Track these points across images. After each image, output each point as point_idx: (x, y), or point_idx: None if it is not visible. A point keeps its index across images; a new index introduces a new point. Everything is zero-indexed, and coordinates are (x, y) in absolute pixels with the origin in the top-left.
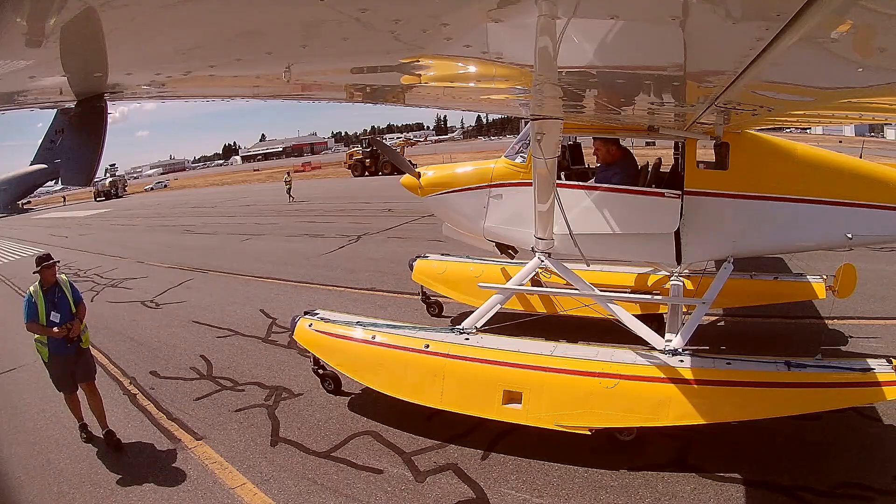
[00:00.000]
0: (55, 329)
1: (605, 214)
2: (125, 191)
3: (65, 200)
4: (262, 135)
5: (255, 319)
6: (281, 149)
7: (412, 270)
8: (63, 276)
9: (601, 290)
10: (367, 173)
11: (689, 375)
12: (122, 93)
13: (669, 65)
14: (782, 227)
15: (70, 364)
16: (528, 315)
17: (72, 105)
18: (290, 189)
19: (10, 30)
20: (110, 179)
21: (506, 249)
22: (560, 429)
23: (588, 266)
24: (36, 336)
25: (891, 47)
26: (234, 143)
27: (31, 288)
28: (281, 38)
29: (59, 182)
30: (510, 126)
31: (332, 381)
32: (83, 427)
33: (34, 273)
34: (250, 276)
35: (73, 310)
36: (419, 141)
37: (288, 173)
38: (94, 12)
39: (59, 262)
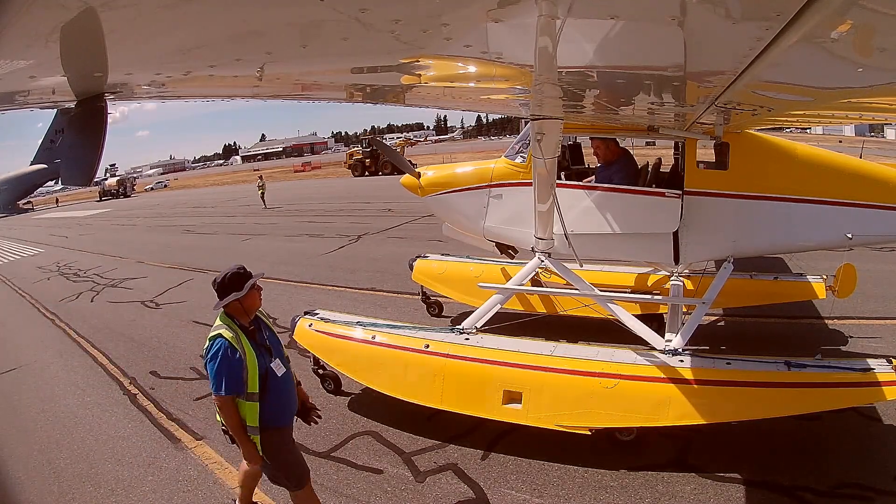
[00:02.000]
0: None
1: (605, 214)
2: (133, 189)
3: (57, 202)
4: (263, 135)
5: None
6: (281, 149)
7: (412, 270)
8: None
9: (601, 290)
10: (367, 173)
11: (689, 375)
12: (122, 93)
13: (669, 65)
14: (782, 227)
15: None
16: (528, 315)
17: (72, 105)
18: (263, 194)
19: (10, 30)
20: (118, 178)
21: (506, 249)
22: (560, 429)
23: (581, 266)
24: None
25: (891, 47)
26: (234, 143)
27: (225, 333)
28: (281, 38)
29: (59, 182)
30: (510, 126)
31: (332, 381)
32: None
33: (225, 304)
34: None
35: (286, 353)
36: (419, 141)
37: (260, 177)
38: (94, 12)
39: (263, 274)
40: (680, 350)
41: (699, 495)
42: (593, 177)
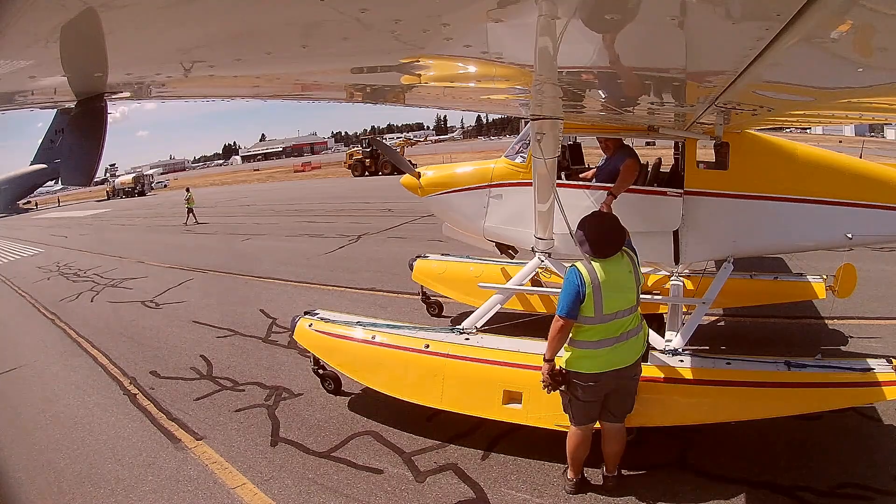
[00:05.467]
0: None
1: None
2: (152, 188)
3: (59, 202)
4: (262, 135)
5: (255, 319)
6: (281, 149)
7: (412, 270)
8: None
9: None
10: (367, 173)
11: (689, 375)
12: (122, 93)
13: (669, 65)
14: (782, 227)
15: None
16: (528, 315)
17: (72, 105)
18: (191, 208)
19: (10, 30)
20: (134, 175)
21: (506, 249)
22: (560, 429)
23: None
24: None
25: (891, 47)
26: (234, 143)
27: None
28: (281, 38)
29: (59, 182)
30: (510, 126)
31: (332, 381)
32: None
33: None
34: (250, 276)
35: None
36: (419, 141)
37: (187, 189)
38: (94, 12)
39: None
40: (680, 350)
41: (699, 495)
42: (595, 169)
